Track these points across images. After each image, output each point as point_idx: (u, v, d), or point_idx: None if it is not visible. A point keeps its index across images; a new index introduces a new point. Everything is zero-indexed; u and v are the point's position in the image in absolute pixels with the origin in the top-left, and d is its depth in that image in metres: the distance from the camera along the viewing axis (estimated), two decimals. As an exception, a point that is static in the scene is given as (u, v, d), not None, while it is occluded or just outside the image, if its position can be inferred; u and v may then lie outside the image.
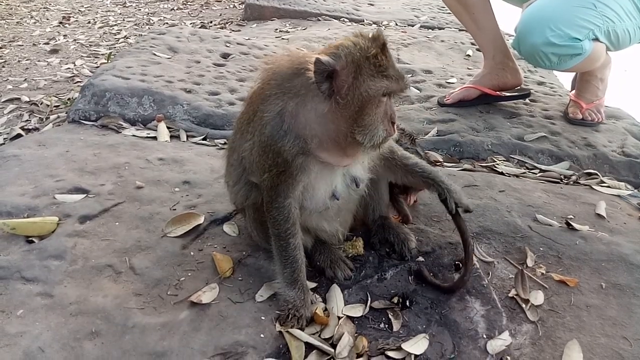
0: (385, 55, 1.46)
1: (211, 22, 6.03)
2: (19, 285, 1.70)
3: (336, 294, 1.71)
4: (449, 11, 3.58)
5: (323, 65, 1.42)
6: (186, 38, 4.04)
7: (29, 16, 6.49)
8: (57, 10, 6.80)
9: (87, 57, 4.77)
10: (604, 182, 2.53)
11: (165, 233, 1.96)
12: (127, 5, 7.00)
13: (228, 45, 4.02)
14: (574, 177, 2.58)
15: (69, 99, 3.61)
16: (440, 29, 5.33)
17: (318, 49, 1.64)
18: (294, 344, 1.54)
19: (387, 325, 1.64)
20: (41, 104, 3.57)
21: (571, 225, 2.05)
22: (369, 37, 1.48)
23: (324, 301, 1.70)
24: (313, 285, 1.75)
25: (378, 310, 1.68)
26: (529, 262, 1.87)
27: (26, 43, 5.26)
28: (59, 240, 1.89)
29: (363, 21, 5.50)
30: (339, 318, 1.63)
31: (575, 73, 3.18)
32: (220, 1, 7.14)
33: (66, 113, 3.22)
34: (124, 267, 1.80)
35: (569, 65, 2.64)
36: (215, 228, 2.02)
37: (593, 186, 2.48)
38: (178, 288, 1.72)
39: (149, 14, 6.55)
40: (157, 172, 2.38)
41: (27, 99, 3.64)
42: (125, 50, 3.97)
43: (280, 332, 1.57)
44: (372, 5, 6.17)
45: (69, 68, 4.44)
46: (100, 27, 5.90)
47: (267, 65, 1.63)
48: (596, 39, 2.57)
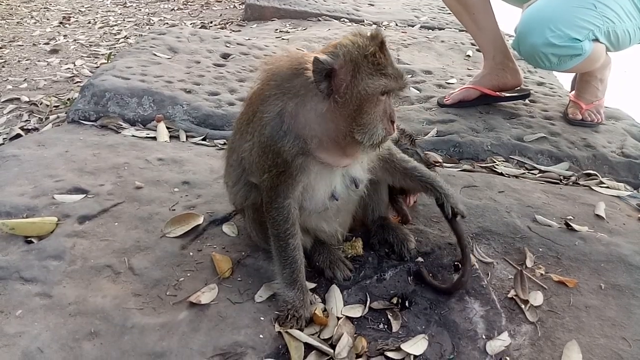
0: (383, 54, 1.46)
1: (211, 22, 6.03)
2: (17, 285, 1.70)
3: (335, 295, 1.71)
4: (449, 11, 3.58)
5: (321, 64, 1.42)
6: (186, 38, 4.04)
7: (29, 16, 6.49)
8: (57, 11, 6.81)
9: (87, 57, 4.77)
10: (604, 183, 2.53)
11: (164, 233, 1.96)
12: (127, 6, 7.01)
13: (228, 45, 4.02)
14: (573, 178, 2.58)
15: (68, 99, 3.61)
16: (440, 29, 5.33)
17: (318, 49, 1.63)
18: (293, 345, 1.54)
19: (386, 326, 1.64)
20: (41, 104, 3.57)
21: (570, 226, 2.05)
22: (367, 35, 1.47)
23: (323, 302, 1.70)
24: (312, 285, 1.75)
25: (377, 310, 1.68)
26: (528, 263, 1.87)
27: (26, 43, 5.26)
28: (58, 241, 1.89)
29: (363, 21, 5.50)
30: (338, 318, 1.63)
31: (575, 74, 3.19)
32: (221, 1, 7.14)
33: (66, 113, 3.22)
34: (123, 268, 1.80)
35: (569, 65, 2.64)
36: (214, 228, 2.02)
37: (592, 187, 2.48)
38: (177, 288, 1.72)
39: (149, 14, 6.56)
40: (156, 173, 2.38)
41: (27, 99, 3.64)
42: (125, 51, 3.97)
43: (280, 332, 1.57)
44: (372, 5, 6.17)
45: (68, 68, 4.44)
46: (100, 27, 5.91)
47: (267, 66, 1.63)
48: (596, 40, 2.57)
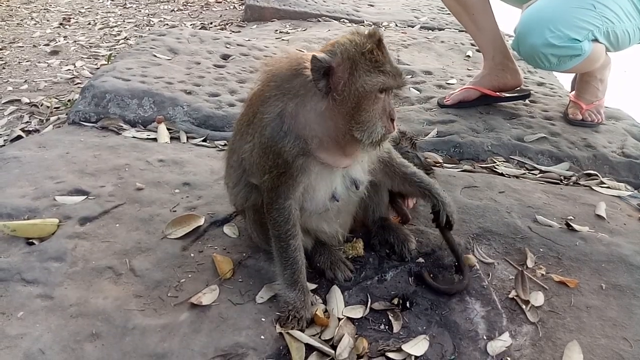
0: (381, 51, 1.46)
1: (211, 23, 6.04)
2: (19, 287, 1.70)
3: (336, 295, 1.71)
4: (448, 12, 3.58)
5: (319, 62, 1.43)
6: (186, 39, 4.04)
7: (30, 17, 6.50)
8: (57, 12, 6.81)
9: (87, 58, 4.78)
10: (604, 183, 2.53)
11: (165, 235, 1.97)
12: (127, 7, 7.02)
13: (228, 46, 4.02)
14: (573, 178, 2.58)
15: (69, 100, 3.62)
16: (440, 29, 5.33)
17: (317, 49, 1.64)
18: (294, 346, 1.54)
19: (387, 327, 1.64)
20: (41, 105, 3.57)
21: (571, 226, 2.05)
22: (364, 34, 1.48)
23: (324, 302, 1.70)
24: (313, 286, 1.75)
25: (378, 311, 1.68)
26: (529, 263, 1.87)
27: (26, 44, 5.26)
28: (59, 242, 1.89)
29: (363, 22, 5.51)
30: (339, 319, 1.63)
31: (575, 74, 3.19)
32: (221, 2, 7.15)
33: (66, 114, 3.22)
34: (124, 269, 1.80)
35: (569, 66, 2.64)
36: (215, 229, 2.02)
37: (593, 187, 2.48)
38: (178, 290, 1.72)
39: (149, 15, 6.56)
40: (157, 174, 2.38)
41: (28, 101, 3.64)
42: (125, 52, 3.97)
43: (281, 333, 1.57)
44: (372, 6, 6.18)
45: (69, 69, 4.44)
46: (100, 29, 5.91)
47: (267, 67, 1.64)
48: (595, 40, 2.58)
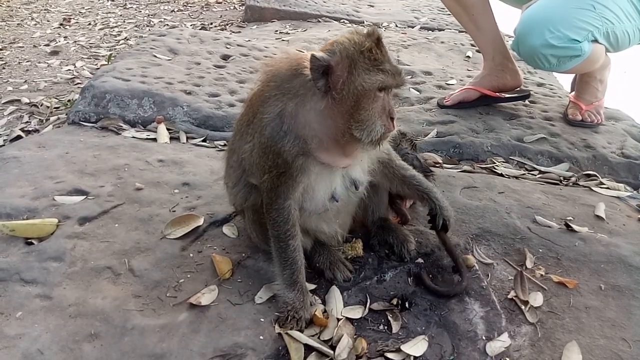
0: (380, 50, 1.46)
1: (211, 23, 6.04)
2: (18, 287, 1.70)
3: (335, 296, 1.71)
4: (448, 12, 3.59)
5: (318, 61, 1.43)
6: (186, 40, 4.04)
7: (30, 18, 6.50)
8: (57, 12, 6.82)
9: (87, 58, 4.78)
10: (603, 184, 2.53)
11: (164, 235, 1.97)
12: (127, 7, 7.02)
13: (228, 46, 4.02)
14: (573, 179, 2.58)
15: (69, 100, 3.62)
16: (440, 30, 5.33)
17: (317, 49, 1.64)
18: (293, 346, 1.53)
19: (386, 327, 1.64)
20: (41, 105, 3.57)
21: (570, 226, 2.05)
22: (363, 33, 1.48)
23: (323, 303, 1.70)
24: (312, 286, 1.75)
25: (377, 311, 1.68)
26: (528, 264, 1.87)
27: (27, 45, 5.26)
28: (58, 242, 1.89)
29: (363, 22, 5.51)
30: (338, 320, 1.63)
31: (574, 74, 3.19)
32: (221, 3, 7.15)
33: (66, 115, 3.22)
34: (123, 269, 1.80)
35: (568, 66, 2.64)
36: (214, 230, 2.02)
37: (592, 187, 2.48)
38: (177, 290, 1.72)
39: (149, 15, 6.57)
40: (156, 174, 2.38)
41: (27, 101, 3.64)
42: (125, 52, 3.97)
43: (280, 333, 1.57)
44: (372, 6, 6.18)
45: (69, 70, 4.44)
46: (100, 29, 5.91)
47: (267, 67, 1.64)
48: (595, 41, 2.58)
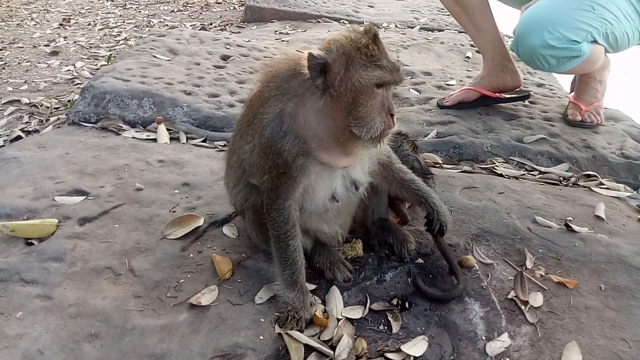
0: (377, 46, 1.47)
1: (211, 24, 6.04)
2: (18, 287, 1.70)
3: (335, 296, 1.71)
4: (448, 13, 3.59)
5: (315, 59, 1.44)
6: (186, 40, 4.04)
7: (30, 18, 6.50)
8: (57, 12, 6.82)
9: (87, 59, 4.78)
10: (603, 184, 2.53)
11: (164, 235, 1.97)
12: (127, 7, 7.02)
13: (228, 47, 4.02)
14: (573, 179, 2.58)
15: (69, 100, 3.62)
16: (439, 30, 5.34)
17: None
18: (293, 346, 1.54)
19: (386, 327, 1.64)
20: (41, 105, 3.57)
21: (570, 227, 2.05)
22: (360, 30, 1.49)
23: (324, 303, 1.70)
24: (312, 287, 1.75)
25: (377, 312, 1.68)
26: (528, 264, 1.87)
27: (26, 45, 5.27)
28: (59, 243, 1.90)
29: (363, 23, 5.50)
30: (338, 320, 1.63)
31: (574, 75, 3.19)
32: (220, 3, 7.16)
33: (66, 115, 3.22)
34: (123, 269, 1.80)
35: (568, 67, 2.64)
36: (214, 230, 2.02)
37: (592, 188, 2.48)
38: (177, 290, 1.72)
39: (149, 16, 6.57)
40: (156, 174, 2.38)
41: (27, 101, 3.64)
42: (125, 52, 3.97)
43: (280, 334, 1.57)
44: (371, 7, 6.19)
45: (69, 70, 4.44)
46: (100, 29, 5.92)
47: (267, 68, 1.64)
48: (595, 41, 2.58)
